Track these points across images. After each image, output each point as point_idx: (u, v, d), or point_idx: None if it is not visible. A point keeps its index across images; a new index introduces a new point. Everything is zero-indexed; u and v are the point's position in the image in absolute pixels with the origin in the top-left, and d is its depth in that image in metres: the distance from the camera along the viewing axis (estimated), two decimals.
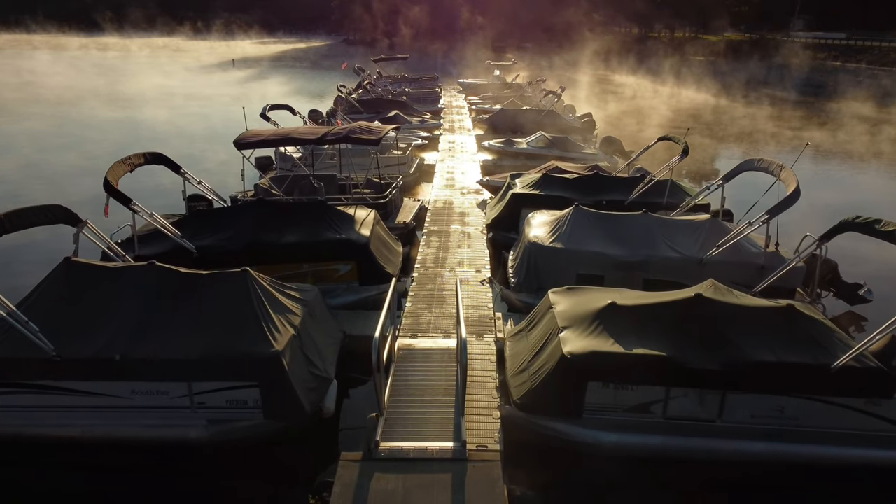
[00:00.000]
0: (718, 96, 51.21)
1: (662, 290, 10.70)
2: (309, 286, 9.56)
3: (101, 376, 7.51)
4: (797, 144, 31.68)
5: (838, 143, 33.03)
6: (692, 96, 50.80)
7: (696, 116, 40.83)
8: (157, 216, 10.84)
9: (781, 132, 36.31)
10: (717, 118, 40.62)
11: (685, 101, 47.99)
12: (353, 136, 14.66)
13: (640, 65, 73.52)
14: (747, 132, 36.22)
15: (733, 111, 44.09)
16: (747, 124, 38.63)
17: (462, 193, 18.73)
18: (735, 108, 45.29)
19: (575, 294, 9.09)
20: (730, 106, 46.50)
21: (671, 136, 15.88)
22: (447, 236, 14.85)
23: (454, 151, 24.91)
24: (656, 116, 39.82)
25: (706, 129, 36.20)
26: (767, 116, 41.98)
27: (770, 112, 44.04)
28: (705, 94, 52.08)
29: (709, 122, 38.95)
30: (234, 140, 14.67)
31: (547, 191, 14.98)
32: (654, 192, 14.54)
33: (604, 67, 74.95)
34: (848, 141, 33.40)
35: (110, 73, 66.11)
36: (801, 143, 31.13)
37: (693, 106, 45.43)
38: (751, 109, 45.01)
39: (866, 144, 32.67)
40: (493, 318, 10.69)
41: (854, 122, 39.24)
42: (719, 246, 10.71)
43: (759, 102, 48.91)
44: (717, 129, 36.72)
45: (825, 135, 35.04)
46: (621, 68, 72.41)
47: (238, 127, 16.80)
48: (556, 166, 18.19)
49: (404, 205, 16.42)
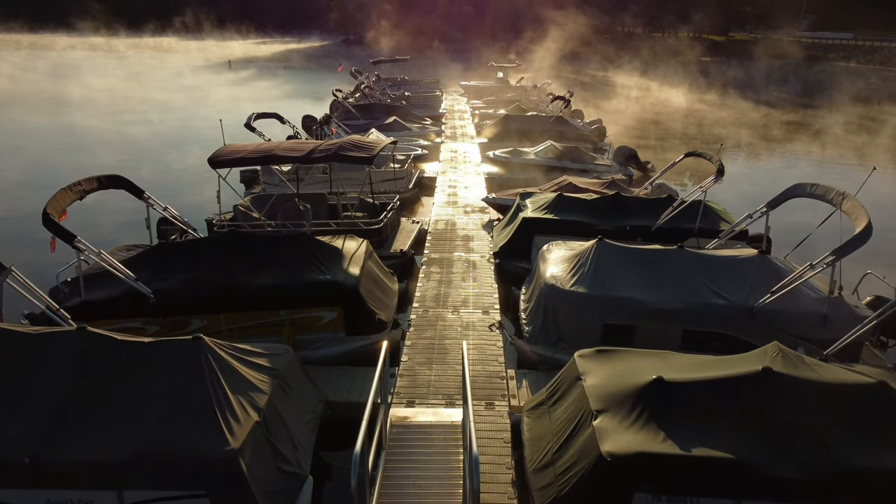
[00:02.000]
0: (730, 98, 49.46)
1: (707, 343, 9.15)
2: (281, 348, 7.84)
3: (6, 483, 5.84)
4: (833, 157, 29.82)
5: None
6: (701, 99, 49.06)
7: (708, 120, 39.09)
8: (105, 255, 9.14)
9: (800, 139, 34.60)
10: (733, 122, 38.90)
11: (693, 103, 46.27)
12: (343, 153, 12.97)
13: (644, 65, 71.80)
14: (775, 140, 34.50)
15: (750, 115, 42.34)
16: (777, 133, 36.85)
17: (465, 212, 17.03)
18: (751, 112, 43.54)
19: (608, 360, 7.39)
20: (748, 109, 44.76)
21: (701, 152, 14.16)
22: (450, 266, 13.16)
23: (456, 162, 23.21)
24: (666, 121, 38.14)
25: (722, 136, 34.52)
26: (791, 123, 40.22)
27: (792, 118, 42.17)
28: (715, 96, 50.34)
29: (726, 126, 37.26)
30: (209, 158, 13.00)
31: (562, 215, 13.28)
32: (684, 216, 12.85)
33: (605, 68, 73.24)
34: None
35: (79, 75, 64.40)
36: (838, 156, 29.22)
37: (701, 109, 43.69)
38: (770, 113, 43.24)
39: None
40: (505, 378, 9.00)
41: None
42: (774, 292, 8.99)
43: (778, 106, 47.05)
44: (733, 136, 35.00)
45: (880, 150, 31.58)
46: (624, 69, 70.66)
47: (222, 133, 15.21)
48: (569, 182, 16.51)
49: (401, 228, 14.73)
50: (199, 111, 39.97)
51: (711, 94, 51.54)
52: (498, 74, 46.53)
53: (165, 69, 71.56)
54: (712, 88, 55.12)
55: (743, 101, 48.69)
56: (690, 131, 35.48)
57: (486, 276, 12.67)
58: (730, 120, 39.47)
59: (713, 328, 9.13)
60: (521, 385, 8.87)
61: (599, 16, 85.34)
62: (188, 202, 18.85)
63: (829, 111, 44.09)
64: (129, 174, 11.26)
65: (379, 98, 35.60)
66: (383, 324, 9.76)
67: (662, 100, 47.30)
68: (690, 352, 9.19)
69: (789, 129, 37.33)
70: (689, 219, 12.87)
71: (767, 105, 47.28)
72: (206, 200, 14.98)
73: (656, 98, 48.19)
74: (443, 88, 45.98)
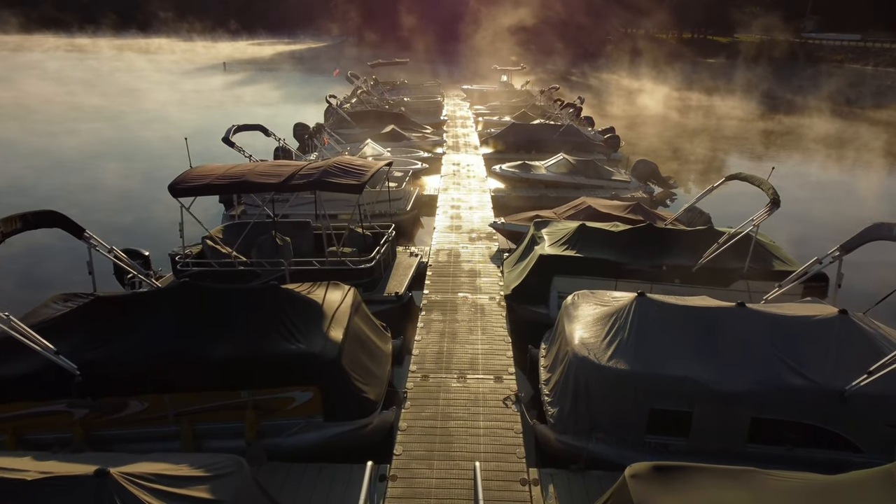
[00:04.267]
0: (746, 102, 47.42)
1: (782, 435, 7.19)
2: (231, 462, 5.80)
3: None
4: None
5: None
6: (715, 103, 47.08)
7: (727, 128, 37.11)
8: (15, 322, 7.15)
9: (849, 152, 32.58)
10: (754, 128, 36.92)
11: (706, 107, 44.29)
12: (328, 179, 10.99)
13: (650, 67, 69.81)
14: (815, 151, 32.50)
15: (771, 120, 40.35)
16: (817, 145, 34.86)
17: (471, 239, 15.06)
18: (775, 118, 41.55)
19: (673, 485, 5.42)
20: (770, 115, 42.77)
21: (748, 177, 12.06)
22: (454, 311, 11.18)
23: (459, 177, 21.22)
24: (677, 127, 36.16)
25: (741, 143, 32.55)
26: (835, 135, 38.17)
27: (832, 127, 39.86)
28: (730, 100, 48.33)
29: (746, 132, 35.29)
30: (170, 185, 11.04)
31: (585, 250, 11.31)
32: (731, 253, 10.88)
33: (609, 70, 71.26)
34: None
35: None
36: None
37: (719, 114, 41.71)
38: (796, 120, 41.25)
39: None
40: (528, 482, 7.03)
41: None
42: (873, 372, 7.00)
43: (803, 112, 44.90)
44: (755, 146, 33.01)
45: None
46: (629, 71, 68.66)
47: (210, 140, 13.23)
48: (588, 206, 14.56)
49: (398, 263, 12.76)
50: (186, 116, 38.01)
51: (724, 97, 49.56)
52: (502, 78, 44.55)
53: (158, 71, 69.64)
54: (727, 93, 53.12)
55: (764, 106, 46.60)
56: (708, 140, 33.48)
57: (497, 326, 10.70)
58: (757, 128, 37.36)
59: (791, 417, 7.16)
60: (548, 493, 6.90)
61: (599, 16, 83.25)
62: (161, 225, 16.93)
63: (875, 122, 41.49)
64: (95, 189, 9.29)
65: (376, 104, 33.70)
66: (371, 404, 7.78)
67: (672, 104, 45.32)
68: (759, 445, 7.32)
69: (833, 142, 34.73)
70: (735, 255, 10.89)
71: (794, 110, 45.17)
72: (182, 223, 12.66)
73: (665, 101, 46.21)
74: (444, 93, 44.03)
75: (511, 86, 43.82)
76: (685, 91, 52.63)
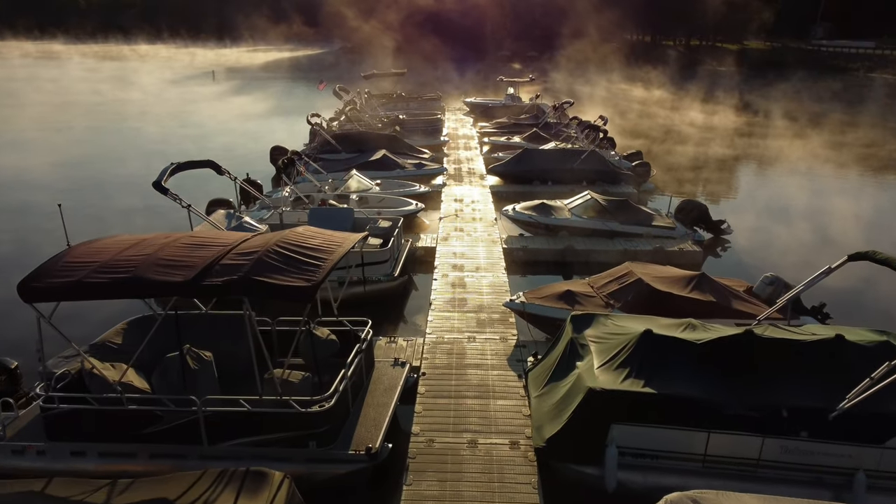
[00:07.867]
0: (772, 117, 43.44)
1: None
2: None
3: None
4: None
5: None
6: (748, 118, 43.16)
7: (770, 148, 33.17)
8: None
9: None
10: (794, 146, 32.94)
11: (725, 120, 40.37)
12: (260, 278, 7.03)
13: (662, 77, 66.03)
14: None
15: (808, 137, 36.38)
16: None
17: (479, 323, 11.15)
18: (809, 134, 37.59)
19: None
20: (804, 131, 38.81)
21: (874, 255, 8.21)
22: (457, 470, 7.28)
23: (463, 220, 17.30)
24: (703, 145, 32.19)
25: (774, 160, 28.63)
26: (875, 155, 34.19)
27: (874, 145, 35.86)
28: (753, 116, 44.44)
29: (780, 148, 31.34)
30: (19, 285, 7.15)
31: (657, 379, 7.41)
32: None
33: (620, 79, 67.42)
34: None
35: None
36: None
37: (745, 129, 37.78)
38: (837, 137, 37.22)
39: None
40: None
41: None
42: None
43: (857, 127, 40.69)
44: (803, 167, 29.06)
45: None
46: (642, 80, 64.80)
47: None
48: (637, 278, 10.77)
49: (374, 379, 8.84)
50: (147, 128, 34.22)
51: (746, 111, 45.69)
52: (508, 91, 40.65)
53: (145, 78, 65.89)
54: (748, 106, 49.29)
55: (802, 121, 42.59)
56: (752, 164, 29.59)
57: (523, 493, 6.81)
58: (806, 148, 33.32)
59: None
60: None
61: (606, 23, 79.64)
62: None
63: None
64: None
65: (368, 122, 29.91)
66: None
67: (691, 118, 41.44)
68: None
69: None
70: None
71: (845, 124, 41.16)
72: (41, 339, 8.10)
73: (684, 114, 42.34)
74: (445, 107, 40.25)
75: (519, 99, 40.00)
76: (710, 104, 48.70)
